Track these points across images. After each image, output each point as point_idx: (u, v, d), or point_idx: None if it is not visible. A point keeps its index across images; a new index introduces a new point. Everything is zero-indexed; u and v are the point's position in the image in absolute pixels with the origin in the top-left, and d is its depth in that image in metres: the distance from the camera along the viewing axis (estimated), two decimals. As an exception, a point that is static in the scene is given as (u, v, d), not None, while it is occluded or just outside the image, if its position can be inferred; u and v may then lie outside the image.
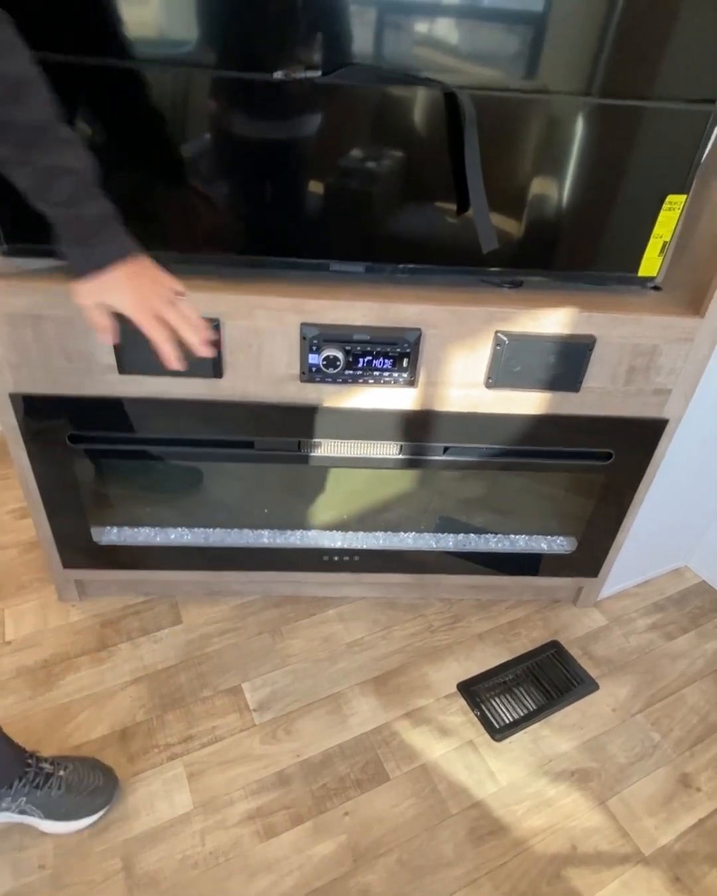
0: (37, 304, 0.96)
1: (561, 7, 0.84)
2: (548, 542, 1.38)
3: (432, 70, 0.86)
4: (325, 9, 0.82)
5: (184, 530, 1.31)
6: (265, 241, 1.00)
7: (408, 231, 1.01)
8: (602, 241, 1.05)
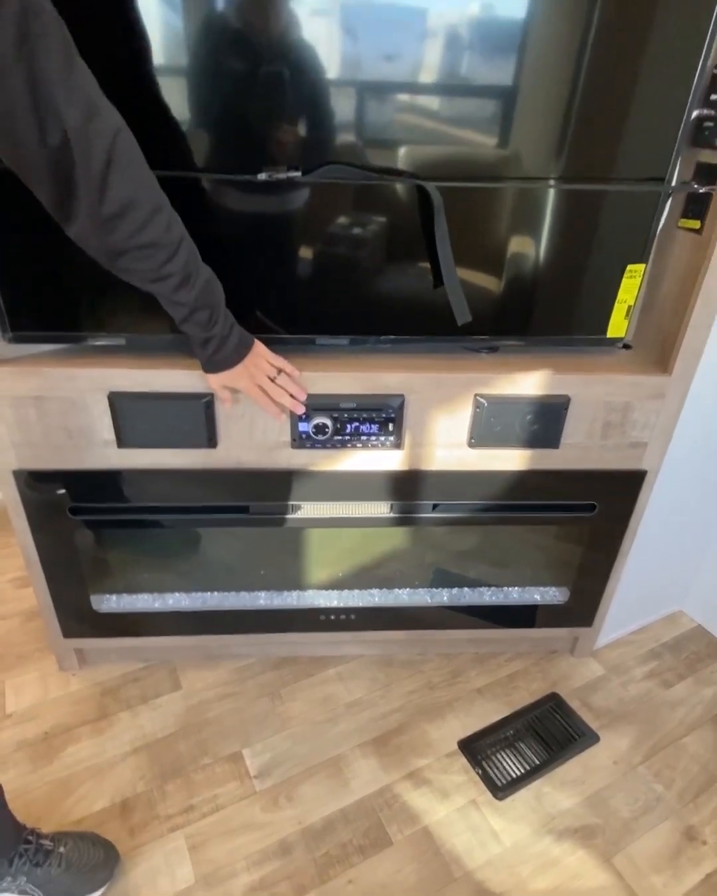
0: (40, 387, 1.02)
1: (523, 107, 0.93)
2: (541, 593, 1.41)
3: (406, 163, 0.95)
4: (304, 115, 0.90)
5: (182, 595, 1.33)
6: (255, 320, 1.07)
7: (388, 304, 1.08)
8: (571, 308, 1.12)
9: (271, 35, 0.85)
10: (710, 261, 1.01)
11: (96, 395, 1.04)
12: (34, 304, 1.00)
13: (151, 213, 0.74)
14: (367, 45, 0.86)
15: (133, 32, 0.81)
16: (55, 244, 0.95)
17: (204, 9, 0.82)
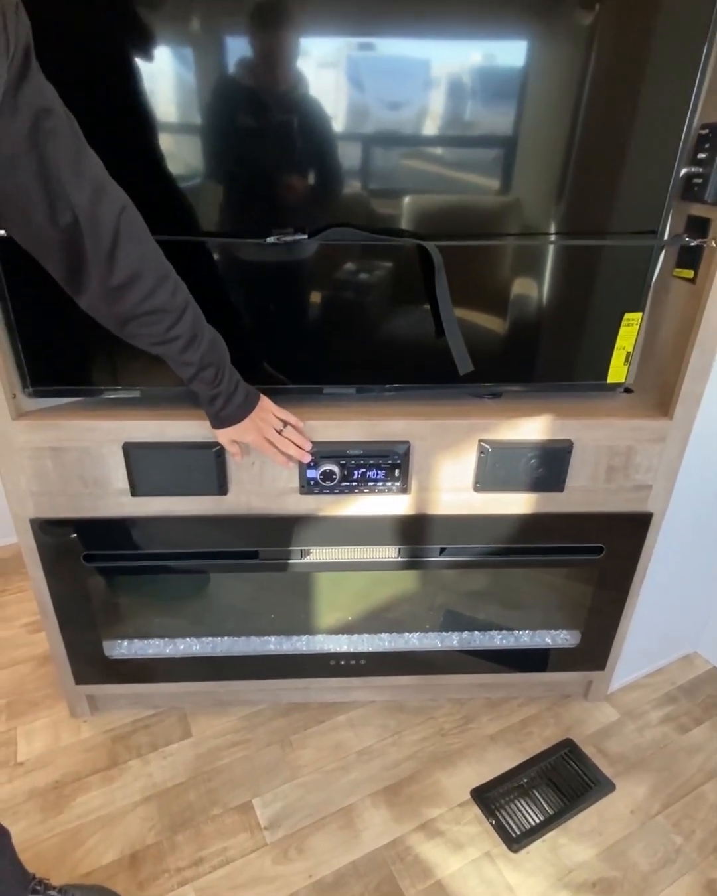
0: (58, 438, 1.06)
1: (522, 166, 0.98)
2: (552, 636, 1.40)
3: (408, 220, 0.99)
4: (309, 178, 0.96)
5: (192, 640, 1.34)
6: (263, 371, 1.11)
7: (393, 353, 1.12)
8: (572, 354, 1.15)
9: (278, 99, 0.91)
10: (704, 310, 1.04)
11: (112, 445, 1.07)
12: (53, 361, 1.05)
13: (156, 281, 0.79)
14: (370, 106, 0.92)
15: (141, 111, 0.87)
16: (73, 305, 1.00)
17: (211, 82, 0.89)
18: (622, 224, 1.04)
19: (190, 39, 0.85)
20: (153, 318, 0.81)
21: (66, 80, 0.71)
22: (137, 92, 0.87)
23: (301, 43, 0.86)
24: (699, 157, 1.02)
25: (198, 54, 0.86)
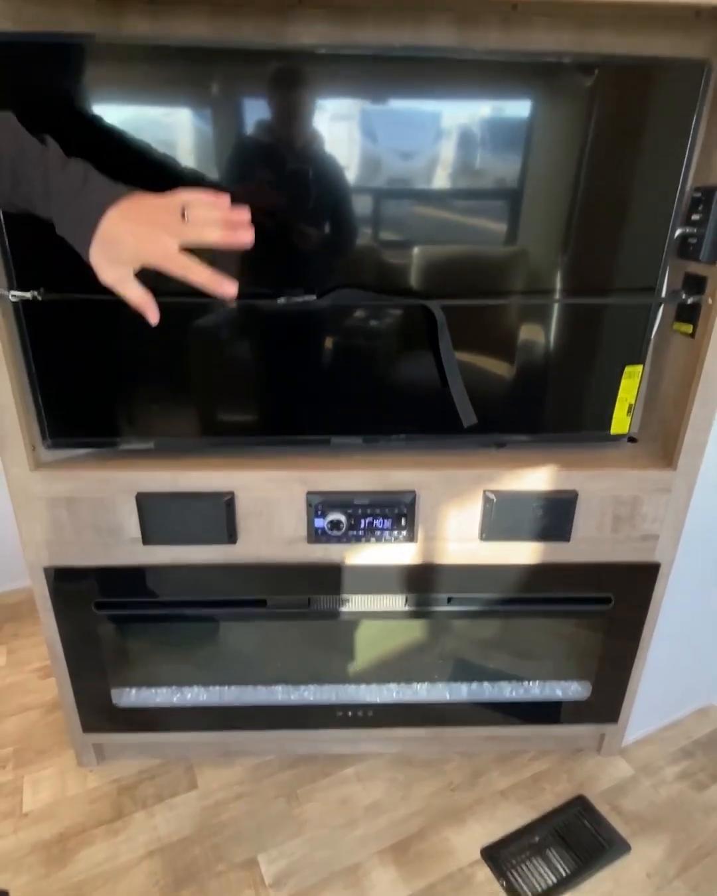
0: (74, 489, 1.09)
1: (525, 228, 1.02)
2: (563, 688, 1.38)
3: (413, 279, 1.04)
4: (318, 237, 1.01)
5: (200, 689, 1.34)
6: (274, 422, 1.14)
7: (400, 404, 1.15)
8: (575, 405, 1.17)
9: (292, 154, 0.96)
10: (704, 363, 1.06)
11: (125, 495, 1.10)
12: (72, 414, 1.09)
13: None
14: (380, 162, 0.97)
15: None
16: (90, 362, 1.05)
17: (227, 141, 0.95)
18: (622, 281, 1.08)
19: (208, 100, 0.92)
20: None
21: (89, 130, 0.77)
22: (152, 151, 0.93)
23: (315, 104, 0.92)
24: (694, 219, 1.06)
25: (216, 113, 0.92)
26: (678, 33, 1.01)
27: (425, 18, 0.99)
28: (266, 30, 0.98)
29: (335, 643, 1.34)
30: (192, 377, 1.09)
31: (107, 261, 0.67)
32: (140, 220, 0.65)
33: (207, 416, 1.13)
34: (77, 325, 1.02)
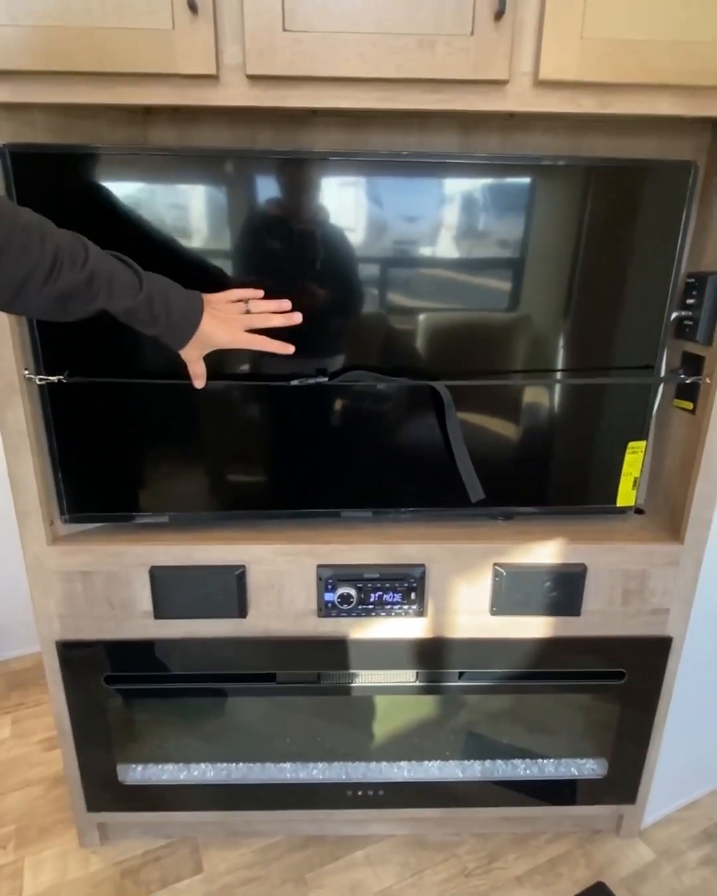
0: (89, 563, 1.11)
1: (529, 312, 1.07)
2: (578, 766, 1.35)
3: (422, 360, 1.08)
4: (329, 331, 1.06)
5: (207, 766, 1.31)
6: (285, 496, 1.17)
7: (408, 478, 1.17)
8: (582, 479, 1.20)
9: (299, 229, 1.02)
10: (705, 440, 1.08)
11: (139, 569, 1.12)
12: (90, 490, 1.12)
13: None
14: (387, 240, 1.03)
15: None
16: (109, 440, 1.09)
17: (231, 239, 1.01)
18: (623, 360, 1.12)
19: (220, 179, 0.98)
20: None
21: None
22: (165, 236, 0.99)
23: (326, 201, 0.99)
24: (689, 303, 1.11)
25: (243, 213, 0.99)
26: (666, 135, 1.09)
27: (429, 125, 1.07)
28: (283, 136, 1.07)
29: (345, 719, 1.32)
30: (205, 454, 1.13)
31: (194, 348, 0.87)
32: (221, 318, 0.87)
33: (220, 491, 1.16)
34: (97, 405, 1.06)
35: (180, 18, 0.83)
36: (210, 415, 1.10)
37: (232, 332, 0.87)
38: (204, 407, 1.10)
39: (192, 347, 0.87)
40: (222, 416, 1.11)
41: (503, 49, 0.85)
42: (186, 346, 0.86)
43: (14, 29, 0.82)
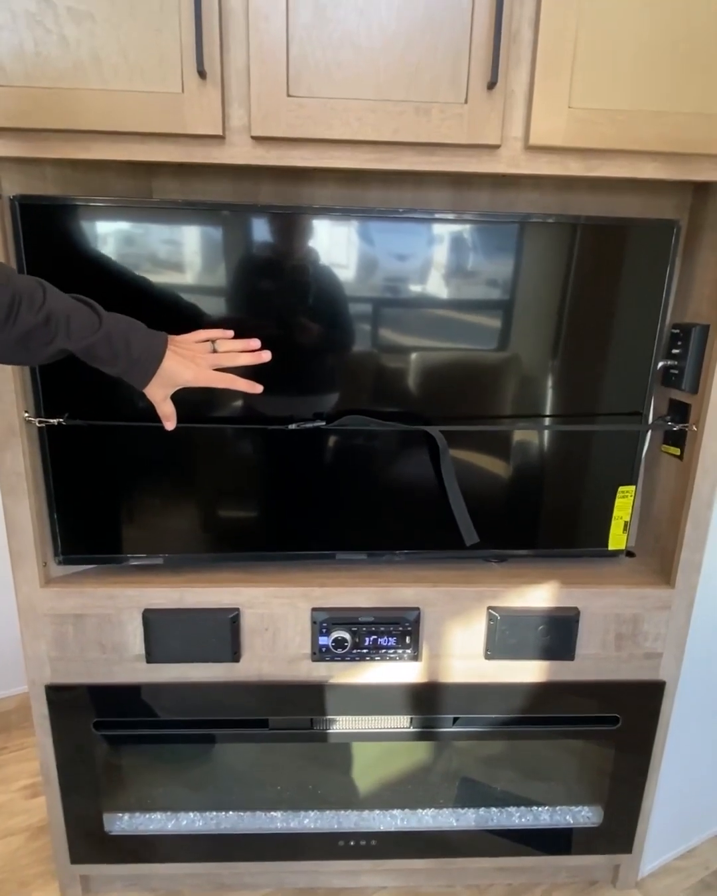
0: (81, 605, 1.10)
1: (521, 359, 1.10)
2: (573, 814, 1.33)
3: (417, 404, 1.10)
4: (326, 378, 1.08)
5: (195, 815, 1.28)
6: (280, 538, 1.17)
7: (402, 521, 1.18)
8: (573, 523, 1.21)
9: (291, 272, 1.05)
10: (694, 486, 1.11)
11: (132, 612, 1.11)
12: (85, 531, 1.12)
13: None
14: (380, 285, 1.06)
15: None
16: (105, 482, 1.10)
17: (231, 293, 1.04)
18: (612, 406, 1.15)
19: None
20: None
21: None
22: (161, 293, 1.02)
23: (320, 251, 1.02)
24: (674, 352, 1.14)
25: (241, 259, 1.02)
26: (649, 193, 1.14)
27: (425, 181, 1.12)
28: (283, 189, 1.11)
29: (338, 765, 1.30)
30: (199, 495, 1.14)
31: (159, 386, 0.87)
32: (186, 356, 0.87)
33: (215, 533, 1.16)
34: (95, 447, 1.07)
35: (190, 83, 0.87)
36: (205, 457, 1.12)
37: (197, 370, 0.87)
38: (199, 449, 1.11)
39: (156, 386, 0.86)
40: (217, 458, 1.12)
41: (495, 116, 0.89)
42: (149, 385, 0.85)
43: (31, 90, 0.86)
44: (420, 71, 0.88)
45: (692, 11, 0.88)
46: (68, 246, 0.97)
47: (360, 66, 0.88)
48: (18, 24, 0.84)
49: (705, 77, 0.91)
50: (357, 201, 1.12)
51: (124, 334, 0.83)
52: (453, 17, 0.87)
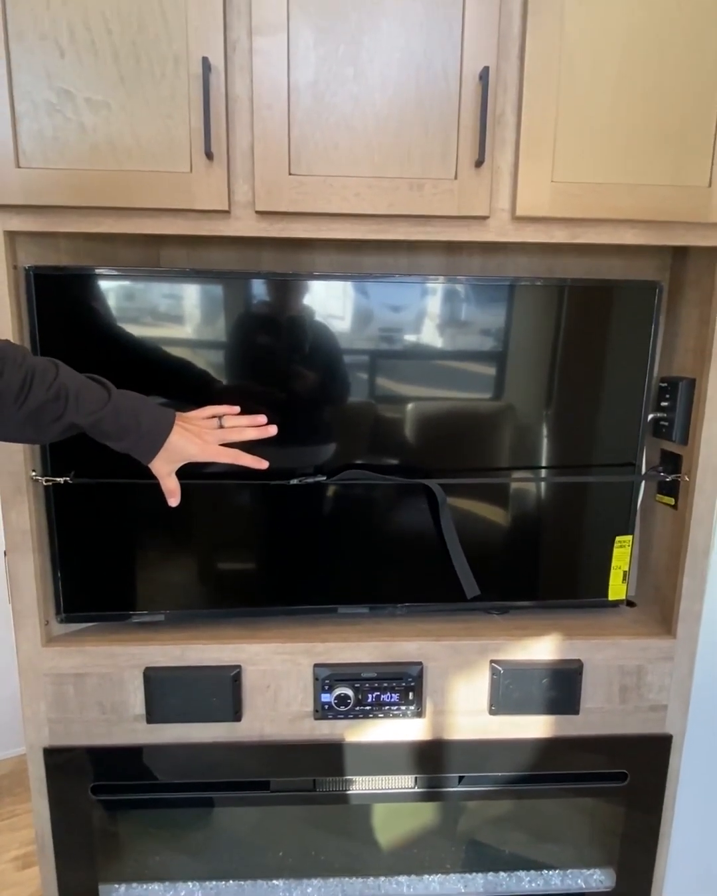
0: (83, 664, 1.10)
1: (517, 414, 1.13)
2: (585, 877, 1.29)
3: (417, 458, 1.13)
4: (327, 432, 1.11)
5: (194, 885, 1.24)
6: (282, 592, 1.17)
7: (403, 574, 1.19)
8: (572, 573, 1.22)
9: (288, 331, 1.09)
10: (689, 535, 1.13)
11: (133, 670, 1.10)
12: (88, 589, 1.12)
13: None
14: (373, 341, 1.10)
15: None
16: (109, 539, 1.11)
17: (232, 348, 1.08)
18: (605, 457, 1.18)
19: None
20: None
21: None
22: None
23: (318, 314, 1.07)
24: (663, 405, 1.18)
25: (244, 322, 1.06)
26: (632, 255, 1.21)
27: (419, 248, 1.18)
28: (285, 256, 1.17)
29: (341, 829, 1.26)
30: (201, 551, 1.15)
31: (165, 461, 0.88)
32: (193, 432, 0.89)
33: (216, 588, 1.17)
34: (99, 505, 1.09)
35: (198, 163, 0.93)
36: (206, 512, 1.13)
37: (204, 446, 0.89)
38: (200, 504, 1.12)
39: (162, 461, 0.88)
40: (218, 513, 1.13)
41: (484, 191, 0.96)
42: (155, 459, 0.88)
43: (49, 172, 0.92)
44: (412, 150, 0.95)
45: (664, 92, 0.96)
46: (80, 312, 1.01)
47: (356, 147, 0.94)
48: (39, 112, 0.91)
49: (677, 152, 0.98)
50: (355, 266, 1.17)
51: (133, 409, 0.85)
52: (442, 102, 0.94)
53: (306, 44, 0.92)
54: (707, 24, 0.94)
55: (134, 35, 0.90)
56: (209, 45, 0.90)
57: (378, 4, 0.91)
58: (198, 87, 0.90)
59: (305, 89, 0.92)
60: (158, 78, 0.91)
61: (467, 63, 0.93)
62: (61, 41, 0.89)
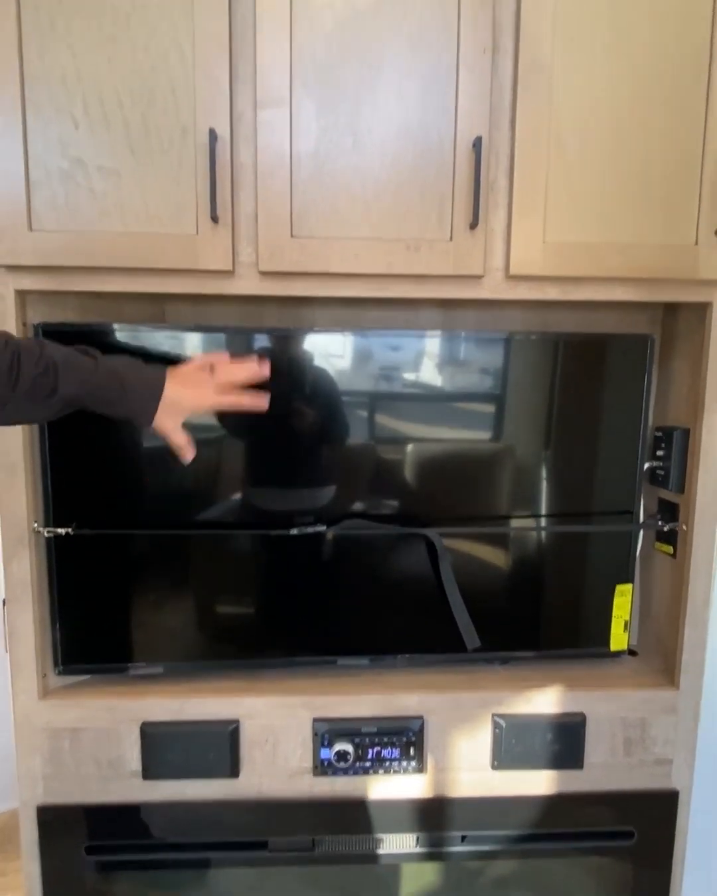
0: (79, 719, 1.08)
1: (515, 465, 1.15)
2: (594, 943, 1.24)
3: (417, 509, 1.14)
4: (326, 481, 1.13)
5: (190, 955, 1.19)
6: (281, 644, 1.17)
7: (403, 625, 1.19)
8: (574, 624, 1.22)
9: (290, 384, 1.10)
10: (689, 586, 1.13)
11: (130, 725, 1.09)
12: (86, 641, 1.12)
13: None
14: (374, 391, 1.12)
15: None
16: (108, 591, 1.11)
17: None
18: (604, 506, 1.19)
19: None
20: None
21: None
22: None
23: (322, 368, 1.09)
24: (659, 454, 1.20)
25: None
26: (623, 309, 1.24)
27: (416, 303, 1.21)
28: (287, 312, 1.20)
29: (341, 889, 1.22)
30: (200, 603, 1.15)
31: (167, 416, 0.86)
32: (188, 384, 0.87)
33: (215, 640, 1.16)
34: (100, 556, 1.09)
35: (204, 226, 0.97)
36: (204, 563, 1.14)
37: (201, 393, 0.88)
38: (199, 555, 1.13)
39: (164, 416, 0.86)
40: (217, 563, 1.14)
41: (478, 251, 0.99)
42: (156, 416, 0.86)
43: (60, 234, 0.95)
44: (409, 213, 0.99)
45: (650, 157, 1.00)
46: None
47: (355, 210, 0.98)
48: (52, 179, 0.95)
49: (664, 213, 1.02)
50: (356, 321, 1.20)
51: (123, 370, 0.85)
52: (437, 169, 0.98)
53: (308, 115, 0.96)
54: (689, 94, 1.00)
55: (144, 108, 0.95)
56: (216, 117, 0.95)
57: (377, 78, 0.96)
58: (204, 156, 0.95)
59: (307, 158, 0.97)
60: (167, 147, 0.95)
61: (461, 132, 0.97)
62: (76, 113, 0.94)
